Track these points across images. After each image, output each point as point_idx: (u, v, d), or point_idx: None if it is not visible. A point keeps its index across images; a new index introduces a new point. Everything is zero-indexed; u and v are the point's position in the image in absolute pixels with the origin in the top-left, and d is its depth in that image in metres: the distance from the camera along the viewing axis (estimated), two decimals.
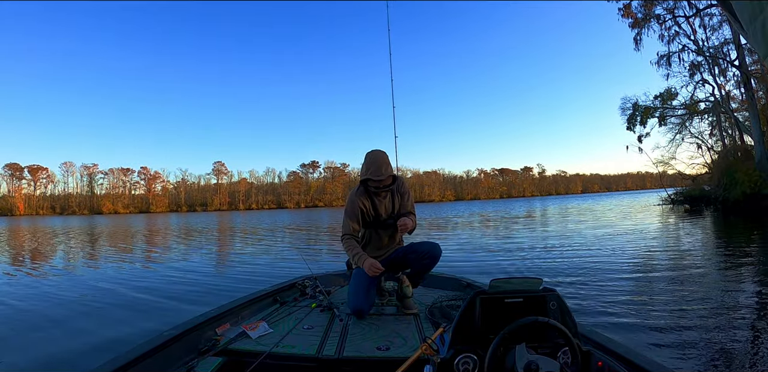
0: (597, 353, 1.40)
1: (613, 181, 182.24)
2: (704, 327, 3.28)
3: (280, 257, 9.06)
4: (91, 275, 7.28)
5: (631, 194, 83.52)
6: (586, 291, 4.66)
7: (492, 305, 1.37)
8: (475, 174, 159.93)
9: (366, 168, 2.78)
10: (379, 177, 2.71)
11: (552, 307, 1.40)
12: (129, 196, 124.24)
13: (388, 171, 2.75)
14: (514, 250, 8.59)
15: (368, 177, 2.75)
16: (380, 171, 2.72)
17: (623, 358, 1.51)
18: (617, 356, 1.53)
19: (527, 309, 1.37)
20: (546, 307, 1.39)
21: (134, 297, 5.28)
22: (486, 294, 1.38)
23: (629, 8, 22.21)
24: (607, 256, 7.18)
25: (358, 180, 2.90)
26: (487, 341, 1.27)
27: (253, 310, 2.67)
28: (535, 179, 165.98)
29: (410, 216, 2.91)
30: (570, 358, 1.29)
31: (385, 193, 2.88)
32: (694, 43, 21.40)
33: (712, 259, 6.67)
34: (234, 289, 5.48)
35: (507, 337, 1.23)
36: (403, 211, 2.94)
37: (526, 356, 1.18)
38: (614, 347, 1.61)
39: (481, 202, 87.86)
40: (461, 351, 1.30)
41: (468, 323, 1.36)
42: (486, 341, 1.28)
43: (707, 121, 23.65)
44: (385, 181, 2.78)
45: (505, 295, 1.38)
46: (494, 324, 1.34)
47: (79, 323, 4.10)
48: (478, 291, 1.39)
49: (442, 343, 1.43)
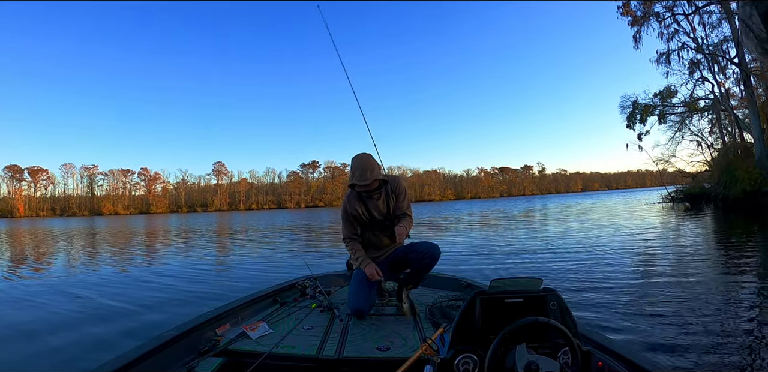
0: (597, 353, 1.40)
1: (614, 180, 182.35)
2: (705, 326, 3.27)
3: (279, 258, 9.03)
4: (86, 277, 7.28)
5: (631, 192, 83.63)
6: (586, 290, 4.66)
7: (492, 305, 1.37)
8: (475, 173, 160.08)
9: (352, 173, 2.75)
10: (363, 182, 2.67)
11: (552, 307, 1.40)
12: (129, 197, 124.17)
13: (373, 175, 2.68)
14: (515, 251, 8.54)
15: (354, 182, 2.73)
16: (365, 175, 2.67)
17: (623, 358, 1.50)
18: (617, 356, 1.52)
19: (527, 309, 1.37)
20: (546, 307, 1.39)
21: (112, 304, 5.08)
22: (486, 294, 1.38)
23: (628, 6, 22.22)
24: (607, 255, 7.17)
25: None
26: (487, 341, 1.27)
27: (253, 310, 2.67)
28: (536, 178, 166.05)
29: (405, 218, 2.89)
30: (570, 358, 1.29)
31: (378, 195, 2.85)
32: (693, 41, 21.39)
33: (712, 257, 6.66)
34: (233, 288, 5.48)
35: (507, 338, 1.23)
36: (398, 211, 2.91)
37: (526, 356, 1.18)
38: (614, 347, 1.61)
39: (481, 201, 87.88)
40: (461, 351, 1.30)
41: (468, 323, 1.36)
42: (486, 341, 1.28)
43: (707, 119, 23.70)
44: (371, 185, 2.73)
45: (505, 295, 1.38)
46: (494, 324, 1.33)
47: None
48: (478, 291, 1.39)
49: (442, 344, 1.43)
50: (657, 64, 22.67)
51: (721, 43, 20.49)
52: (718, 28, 20.50)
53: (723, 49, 20.53)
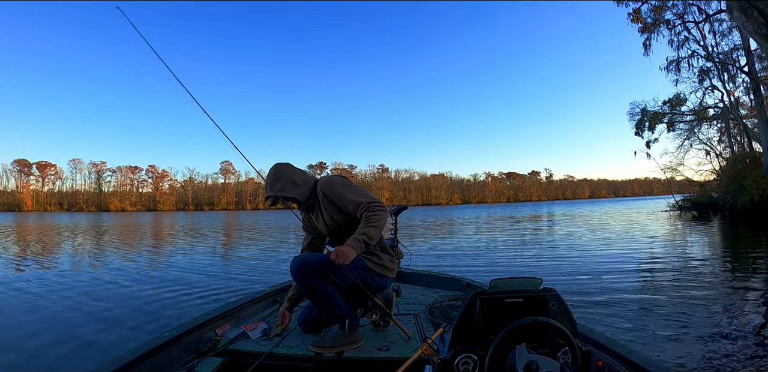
0: (597, 353, 1.40)
1: (621, 187, 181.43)
2: (707, 332, 3.27)
3: (280, 258, 9.10)
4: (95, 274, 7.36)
5: (638, 200, 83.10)
6: (590, 296, 4.65)
7: (492, 305, 1.37)
8: (482, 177, 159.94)
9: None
10: (266, 194, 2.27)
11: (552, 307, 1.40)
12: (136, 193, 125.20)
13: (279, 188, 2.22)
14: (522, 256, 8.51)
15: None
16: (266, 189, 2.27)
17: (623, 358, 1.51)
18: (617, 356, 1.53)
19: (527, 309, 1.37)
20: (546, 307, 1.39)
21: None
22: (486, 294, 1.38)
23: (639, 13, 22.10)
24: (612, 263, 7.12)
25: (365, 181, 2.53)
26: (487, 341, 1.28)
27: (253, 310, 2.68)
28: (543, 184, 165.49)
29: (364, 217, 2.10)
30: (570, 358, 1.29)
31: (312, 208, 2.35)
32: (703, 49, 21.32)
33: (718, 268, 6.60)
34: (233, 288, 5.54)
35: (507, 338, 1.23)
36: (353, 212, 2.17)
37: (526, 356, 1.19)
38: (614, 347, 1.62)
39: (488, 206, 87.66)
40: (461, 351, 1.30)
41: (468, 323, 1.36)
42: (486, 341, 1.28)
43: (716, 128, 23.54)
44: (268, 200, 2.29)
45: (505, 295, 1.38)
46: (494, 324, 1.33)
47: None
48: (478, 291, 1.39)
49: (442, 344, 1.42)
50: (667, 71, 22.66)
51: (731, 52, 20.44)
52: (728, 36, 20.46)
53: (733, 57, 20.47)
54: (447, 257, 8.42)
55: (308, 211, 2.37)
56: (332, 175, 2.49)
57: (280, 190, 2.22)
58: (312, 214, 2.37)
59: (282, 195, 2.21)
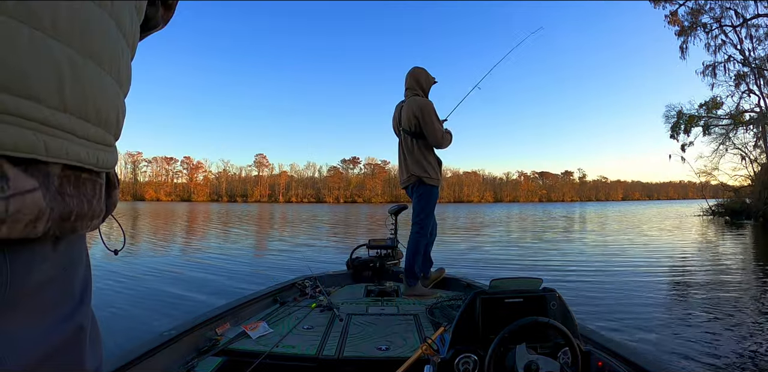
0: (597, 353, 1.40)
1: (655, 190, 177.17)
2: (720, 335, 3.37)
3: (286, 256, 8.75)
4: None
5: (672, 203, 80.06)
6: (614, 297, 4.80)
7: (492, 305, 1.37)
8: (515, 176, 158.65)
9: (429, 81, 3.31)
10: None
11: (552, 307, 1.40)
12: (171, 184, 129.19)
13: (408, 84, 3.30)
14: (552, 259, 8.28)
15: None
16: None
17: (623, 358, 1.52)
18: (617, 356, 1.53)
19: (527, 309, 1.37)
20: (546, 307, 1.39)
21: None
22: (486, 294, 1.38)
23: (676, 15, 21.91)
24: (639, 266, 7.13)
25: (396, 177, 3.27)
26: (487, 341, 1.27)
27: (253, 310, 2.64)
28: (575, 184, 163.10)
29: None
30: (570, 358, 1.29)
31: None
32: (740, 53, 20.96)
33: (747, 273, 6.54)
34: (233, 287, 5.46)
35: (507, 338, 1.22)
36: (417, 129, 3.19)
37: (526, 356, 1.19)
38: (614, 347, 1.62)
39: (519, 205, 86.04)
40: (461, 351, 1.30)
41: (468, 323, 1.36)
42: (486, 341, 1.28)
43: (752, 133, 23.02)
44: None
45: (506, 295, 1.39)
46: (494, 324, 1.33)
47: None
48: (478, 291, 1.39)
49: (442, 343, 1.43)
50: (703, 75, 22.36)
51: (767, 57, 20.08)
52: (765, 41, 20.08)
53: None
54: (457, 259, 7.98)
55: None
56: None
57: (412, 85, 3.28)
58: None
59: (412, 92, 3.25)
